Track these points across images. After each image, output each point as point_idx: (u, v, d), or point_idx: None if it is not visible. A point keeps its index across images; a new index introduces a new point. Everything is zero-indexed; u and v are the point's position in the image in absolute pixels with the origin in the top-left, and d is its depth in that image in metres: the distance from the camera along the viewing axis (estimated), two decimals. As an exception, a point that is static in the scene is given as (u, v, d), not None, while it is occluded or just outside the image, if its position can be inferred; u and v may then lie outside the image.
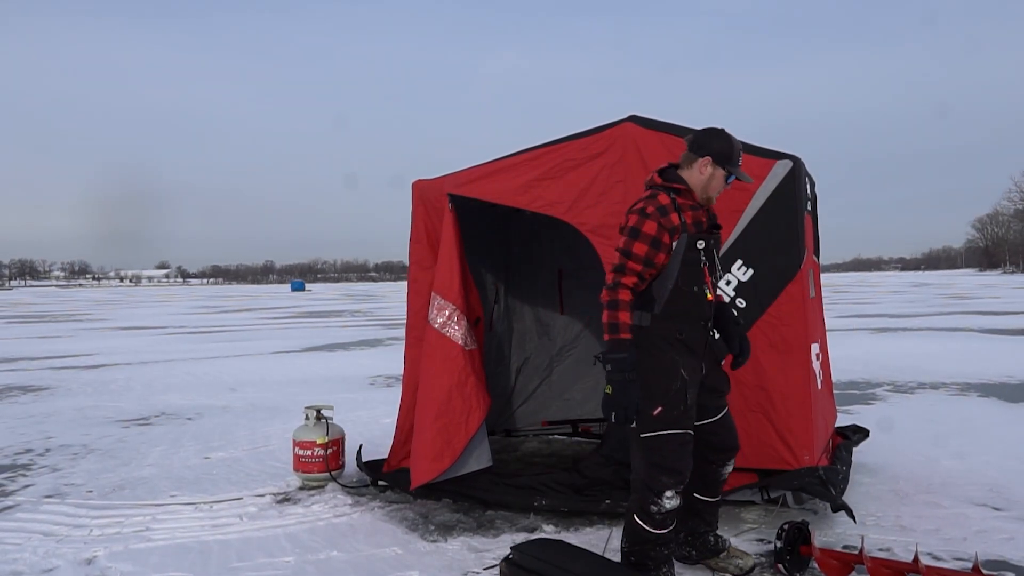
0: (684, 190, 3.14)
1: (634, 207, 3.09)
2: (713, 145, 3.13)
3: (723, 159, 3.12)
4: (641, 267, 3.01)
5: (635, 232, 3.02)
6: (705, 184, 3.14)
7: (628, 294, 2.99)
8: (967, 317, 20.09)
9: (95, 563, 3.66)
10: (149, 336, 20.35)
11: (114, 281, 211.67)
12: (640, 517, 3.05)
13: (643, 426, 3.01)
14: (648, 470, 3.02)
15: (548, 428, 6.21)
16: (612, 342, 2.94)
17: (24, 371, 12.32)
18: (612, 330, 2.95)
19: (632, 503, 3.09)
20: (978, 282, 58.33)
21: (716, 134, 3.17)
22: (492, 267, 6.10)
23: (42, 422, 7.60)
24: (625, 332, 2.95)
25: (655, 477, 3.00)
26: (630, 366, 2.91)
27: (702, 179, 3.14)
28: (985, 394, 8.02)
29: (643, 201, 3.08)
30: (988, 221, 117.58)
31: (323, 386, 9.76)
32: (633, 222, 3.04)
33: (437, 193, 4.72)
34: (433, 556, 3.65)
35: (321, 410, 4.98)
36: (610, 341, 2.95)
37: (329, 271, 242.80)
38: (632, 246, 3.01)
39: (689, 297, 3.06)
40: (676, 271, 3.02)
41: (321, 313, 32.23)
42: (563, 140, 4.34)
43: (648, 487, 3.02)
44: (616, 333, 2.94)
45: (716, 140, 3.15)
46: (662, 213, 3.02)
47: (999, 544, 3.64)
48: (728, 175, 3.15)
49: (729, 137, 3.17)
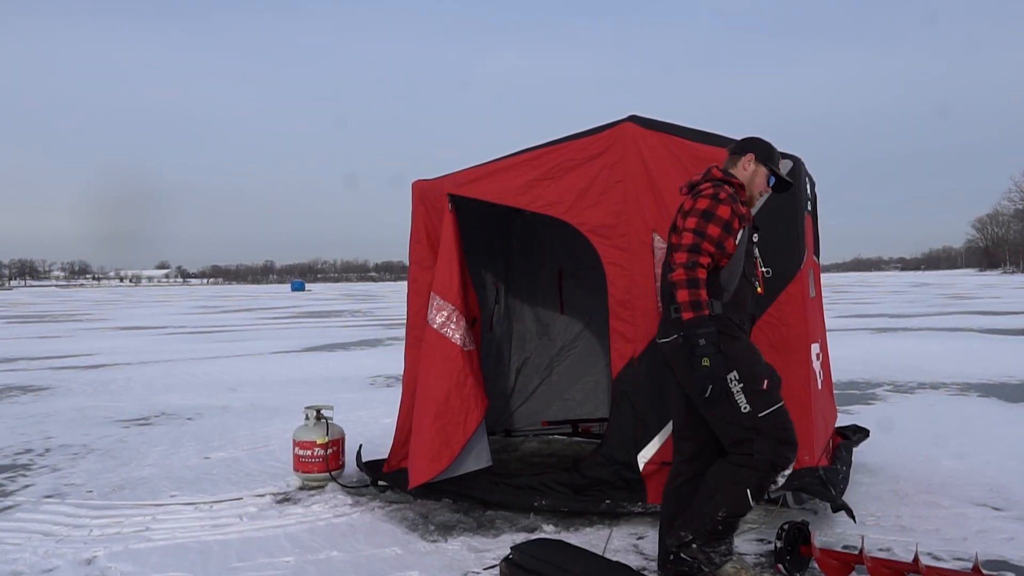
0: (739, 185, 3.28)
1: (701, 192, 3.14)
2: (754, 145, 3.37)
3: (765, 157, 3.34)
4: (714, 249, 3.04)
5: (708, 215, 3.05)
6: (750, 180, 3.33)
7: (705, 273, 3.02)
8: (967, 317, 20.09)
9: (95, 563, 3.66)
10: (149, 336, 20.35)
11: (114, 281, 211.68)
12: (753, 492, 3.01)
13: (759, 405, 3.00)
14: (776, 448, 2.99)
15: (548, 428, 6.21)
16: (697, 319, 2.95)
17: (24, 371, 12.32)
18: (696, 307, 2.96)
19: (744, 478, 3.00)
20: (978, 282, 58.33)
21: (756, 138, 3.40)
22: (492, 267, 6.10)
23: (42, 422, 7.60)
24: (707, 308, 2.98)
25: (782, 454, 3.00)
26: (717, 340, 2.96)
27: (747, 175, 3.33)
28: (985, 394, 8.01)
29: (712, 187, 3.14)
30: (988, 221, 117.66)
31: (323, 386, 9.76)
32: (706, 205, 3.07)
33: (437, 193, 4.72)
34: (433, 556, 3.65)
35: (321, 410, 4.98)
36: (694, 318, 2.95)
37: (329, 271, 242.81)
38: (706, 228, 3.03)
39: (747, 288, 3.19)
40: (742, 261, 3.12)
41: (321, 313, 32.23)
42: (563, 140, 4.35)
43: (774, 465, 3.00)
44: (700, 310, 2.96)
45: (757, 141, 3.39)
46: (732, 200, 3.12)
47: (999, 544, 3.64)
48: (769, 175, 3.34)
49: (768, 142, 3.40)
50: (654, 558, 3.55)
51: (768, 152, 3.36)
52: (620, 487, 4.07)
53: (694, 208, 3.09)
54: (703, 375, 2.94)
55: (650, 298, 4.06)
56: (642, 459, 4.02)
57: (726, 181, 3.23)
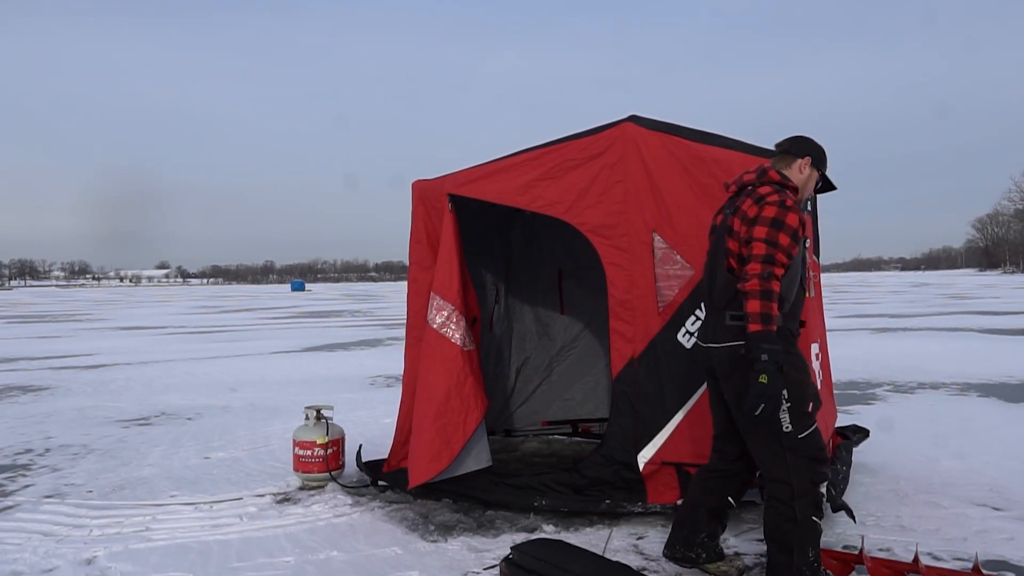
0: (794, 188, 3.19)
1: (766, 199, 3.01)
2: (812, 147, 3.27)
3: (820, 162, 3.28)
4: (787, 260, 2.95)
5: (778, 223, 2.95)
6: (804, 184, 3.26)
7: (779, 285, 2.93)
8: (967, 317, 20.09)
9: (95, 563, 3.66)
10: (149, 336, 20.35)
11: (114, 281, 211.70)
12: (816, 515, 2.98)
13: (801, 426, 2.97)
14: (810, 466, 2.98)
15: (548, 428, 6.21)
16: (764, 332, 2.86)
17: (24, 371, 12.31)
18: (765, 320, 2.86)
19: (804, 507, 2.96)
20: (978, 282, 58.33)
21: (812, 140, 3.30)
22: (492, 267, 6.10)
23: (42, 422, 7.60)
24: (775, 324, 2.89)
25: (817, 471, 2.99)
26: (779, 359, 2.88)
27: (802, 178, 3.25)
28: (985, 394, 8.01)
29: (776, 193, 3.02)
30: (988, 221, 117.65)
31: (323, 386, 9.76)
32: (774, 213, 2.96)
33: (437, 193, 4.72)
34: (433, 556, 3.65)
35: (321, 410, 4.98)
36: (762, 331, 2.86)
37: (329, 271, 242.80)
38: (778, 237, 2.93)
39: (801, 295, 3.17)
40: (800, 269, 3.09)
41: (321, 313, 32.23)
42: (563, 140, 4.35)
43: (814, 483, 3.00)
44: (769, 324, 2.86)
45: (814, 144, 3.28)
46: (798, 207, 3.04)
47: (999, 544, 3.64)
48: (818, 180, 3.31)
49: (820, 144, 3.32)
50: (654, 558, 3.56)
51: (822, 156, 3.29)
52: (620, 487, 4.07)
53: (761, 216, 2.97)
54: (759, 392, 2.85)
55: (650, 298, 4.06)
56: (642, 459, 4.02)
57: (785, 186, 3.14)
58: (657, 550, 3.64)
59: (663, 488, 4.01)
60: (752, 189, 3.12)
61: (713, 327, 3.15)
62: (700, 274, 4.00)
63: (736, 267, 3.07)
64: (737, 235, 3.06)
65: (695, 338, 3.35)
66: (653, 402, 4.03)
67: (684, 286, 4.01)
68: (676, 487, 4.00)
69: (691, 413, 3.97)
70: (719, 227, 3.24)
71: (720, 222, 3.24)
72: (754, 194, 3.08)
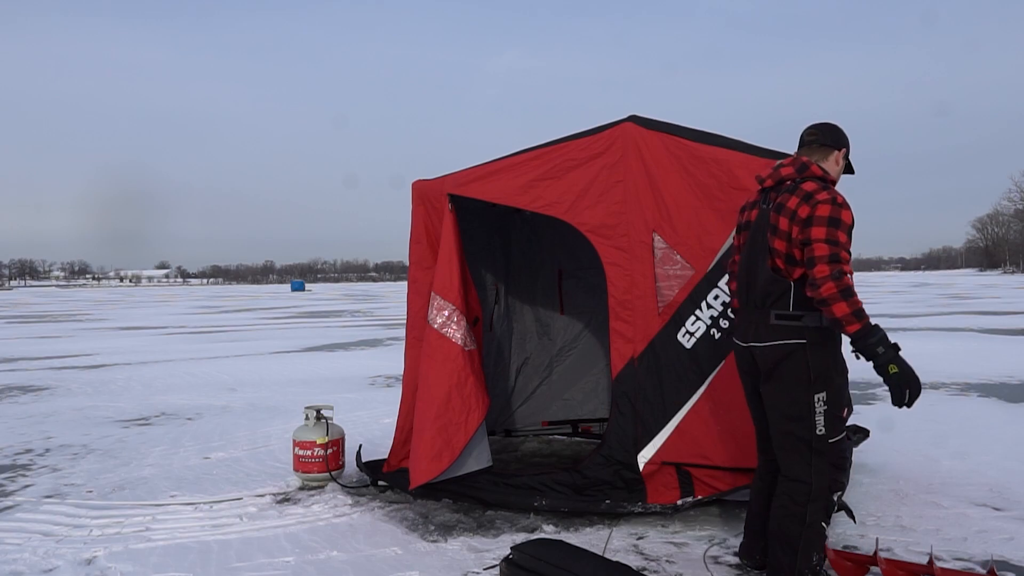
0: (833, 182, 3.12)
1: (815, 196, 2.92)
2: (845, 137, 3.19)
3: (848, 154, 3.22)
4: (849, 256, 2.89)
5: (836, 222, 2.87)
6: (838, 176, 3.21)
7: (852, 280, 2.86)
8: (967, 317, 20.09)
9: (95, 563, 3.66)
10: (149, 336, 20.35)
11: (114, 281, 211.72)
12: (825, 520, 3.00)
13: (832, 431, 2.98)
14: (832, 473, 3.01)
15: (548, 428, 6.21)
16: (864, 328, 2.80)
17: (24, 371, 12.32)
18: (859, 316, 2.80)
19: (816, 511, 2.98)
20: (978, 282, 58.33)
21: (839, 127, 3.20)
22: (492, 267, 6.10)
23: (42, 422, 7.60)
24: (867, 315, 2.83)
25: (837, 479, 3.03)
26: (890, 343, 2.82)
27: (838, 170, 3.20)
28: (985, 394, 8.02)
29: (826, 191, 2.94)
30: (988, 221, 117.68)
31: (323, 386, 9.76)
32: (829, 212, 2.87)
33: (437, 193, 4.72)
34: (433, 556, 3.65)
35: (321, 410, 4.98)
36: (862, 329, 2.80)
37: (329, 271, 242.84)
38: (837, 235, 2.86)
39: None
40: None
41: (321, 313, 32.23)
42: (563, 140, 4.35)
43: (831, 489, 3.01)
44: (863, 318, 2.81)
45: (844, 133, 3.19)
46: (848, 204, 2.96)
47: (999, 544, 3.65)
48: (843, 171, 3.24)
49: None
50: (654, 558, 3.56)
51: (849, 149, 3.22)
52: (620, 487, 4.07)
53: (816, 216, 2.88)
54: (896, 383, 2.79)
55: (650, 298, 4.06)
56: (642, 459, 4.03)
57: (827, 180, 3.05)
58: (657, 550, 3.65)
59: (663, 488, 4.01)
60: (794, 184, 3.02)
61: (755, 326, 3.08)
62: (700, 274, 4.01)
63: (783, 267, 3.00)
64: (784, 234, 2.97)
65: (732, 338, 3.27)
66: (653, 402, 4.03)
67: (684, 286, 4.01)
68: (676, 487, 4.00)
69: (691, 413, 3.98)
70: (756, 223, 3.13)
71: (756, 217, 3.15)
72: (798, 191, 2.98)
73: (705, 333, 3.97)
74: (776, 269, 3.02)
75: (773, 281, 3.00)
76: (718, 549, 3.66)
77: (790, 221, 2.95)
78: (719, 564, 3.48)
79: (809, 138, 3.18)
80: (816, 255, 2.85)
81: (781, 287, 2.98)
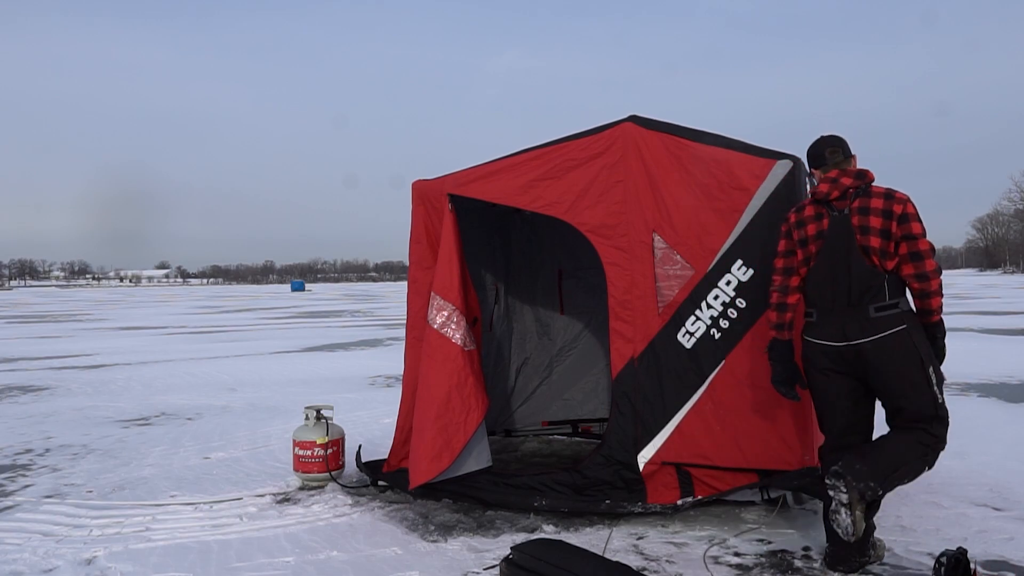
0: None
1: (896, 195, 3.22)
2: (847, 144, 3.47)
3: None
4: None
5: (919, 217, 3.21)
6: None
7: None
8: (967, 317, 20.10)
9: (95, 563, 3.66)
10: (149, 336, 20.35)
11: (114, 281, 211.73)
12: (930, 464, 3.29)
13: (944, 398, 3.37)
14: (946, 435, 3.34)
15: (548, 428, 6.21)
16: (941, 321, 3.33)
17: (24, 371, 12.32)
18: (941, 310, 3.30)
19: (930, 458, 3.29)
20: (978, 282, 58.31)
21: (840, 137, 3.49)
22: (492, 267, 6.10)
23: (42, 422, 7.60)
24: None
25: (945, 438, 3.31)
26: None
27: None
28: (985, 394, 8.01)
29: (896, 191, 3.25)
30: (988, 221, 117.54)
31: (323, 386, 9.76)
32: (913, 209, 3.20)
33: (437, 193, 4.72)
34: (433, 556, 3.65)
35: (321, 410, 4.98)
36: (940, 320, 3.33)
37: (329, 271, 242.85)
38: (925, 231, 3.20)
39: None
40: None
41: (321, 313, 32.24)
42: (563, 140, 4.35)
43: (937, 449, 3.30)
44: (943, 312, 3.32)
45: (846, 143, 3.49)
46: None
47: (999, 544, 3.64)
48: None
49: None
50: (654, 558, 3.56)
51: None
52: (620, 487, 4.07)
53: (908, 212, 3.18)
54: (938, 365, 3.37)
55: (650, 298, 4.06)
56: (642, 459, 4.03)
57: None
58: (657, 550, 3.65)
59: (663, 488, 4.01)
60: (866, 188, 3.27)
61: (856, 323, 3.24)
62: (700, 274, 4.00)
63: (878, 262, 3.21)
64: (879, 231, 3.18)
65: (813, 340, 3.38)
66: (653, 402, 4.03)
67: (684, 286, 4.01)
68: (676, 487, 4.00)
69: (691, 413, 3.98)
70: (832, 229, 3.28)
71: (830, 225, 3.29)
72: (873, 192, 3.24)
73: (705, 333, 3.97)
74: (872, 265, 3.22)
75: (872, 276, 3.21)
76: (718, 549, 3.66)
77: (884, 219, 3.19)
78: (719, 564, 3.48)
79: (830, 153, 3.42)
80: (921, 249, 3.17)
81: (879, 280, 3.20)
